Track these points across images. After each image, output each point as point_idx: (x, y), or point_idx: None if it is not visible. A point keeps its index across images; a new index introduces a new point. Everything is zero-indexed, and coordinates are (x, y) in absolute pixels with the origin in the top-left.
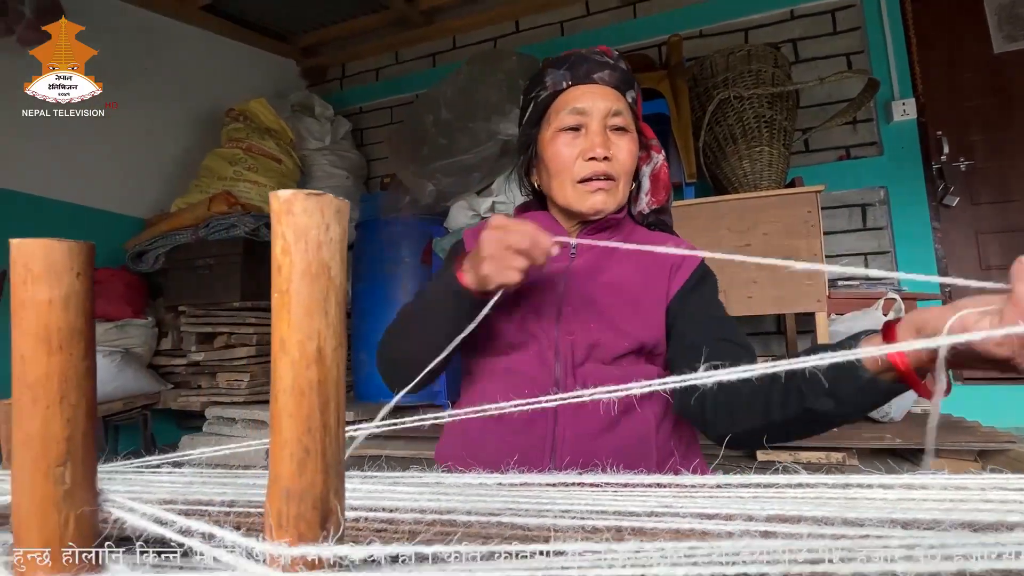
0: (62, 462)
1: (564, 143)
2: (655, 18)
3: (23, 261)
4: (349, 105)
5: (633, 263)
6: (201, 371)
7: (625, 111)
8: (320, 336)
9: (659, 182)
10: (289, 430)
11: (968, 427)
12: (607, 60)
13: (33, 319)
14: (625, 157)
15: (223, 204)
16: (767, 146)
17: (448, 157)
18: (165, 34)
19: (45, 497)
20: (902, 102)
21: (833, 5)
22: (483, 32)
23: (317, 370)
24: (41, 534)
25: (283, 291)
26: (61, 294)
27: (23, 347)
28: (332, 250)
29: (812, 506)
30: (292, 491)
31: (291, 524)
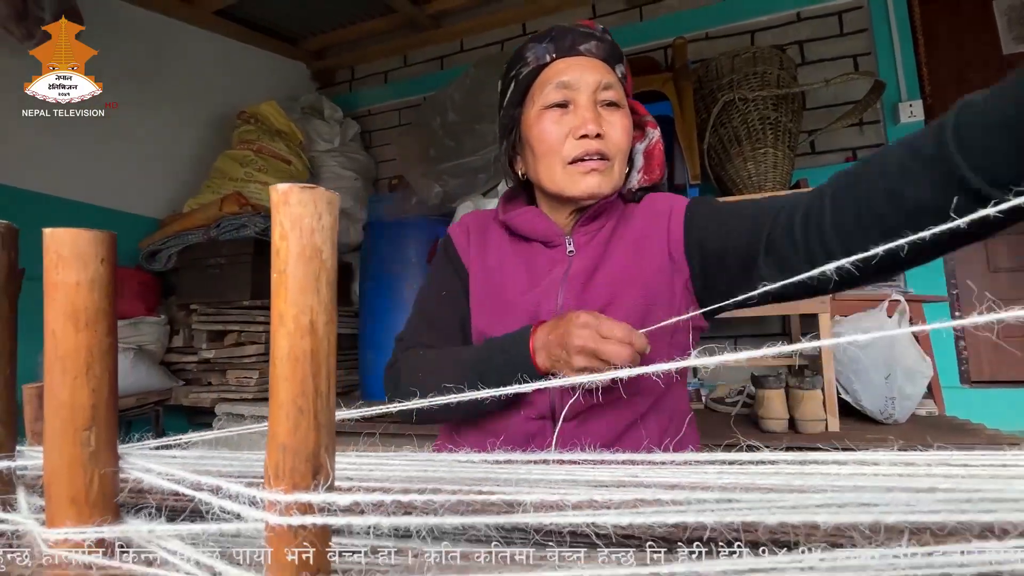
0: (88, 427)
1: (551, 121)
2: (661, 20)
3: (55, 248)
4: (358, 107)
5: (631, 243)
6: (211, 368)
7: (616, 85)
8: (312, 311)
9: (653, 159)
10: (285, 393)
11: (972, 429)
12: (593, 32)
13: (63, 299)
14: (619, 135)
15: (234, 205)
16: (772, 148)
17: (455, 159)
18: (179, 38)
19: (73, 458)
20: (909, 104)
21: (840, 7)
22: (491, 35)
23: (310, 340)
24: (69, 490)
25: (280, 271)
26: (88, 277)
27: (54, 324)
28: (324, 236)
29: (764, 477)
30: (287, 446)
31: (286, 475)
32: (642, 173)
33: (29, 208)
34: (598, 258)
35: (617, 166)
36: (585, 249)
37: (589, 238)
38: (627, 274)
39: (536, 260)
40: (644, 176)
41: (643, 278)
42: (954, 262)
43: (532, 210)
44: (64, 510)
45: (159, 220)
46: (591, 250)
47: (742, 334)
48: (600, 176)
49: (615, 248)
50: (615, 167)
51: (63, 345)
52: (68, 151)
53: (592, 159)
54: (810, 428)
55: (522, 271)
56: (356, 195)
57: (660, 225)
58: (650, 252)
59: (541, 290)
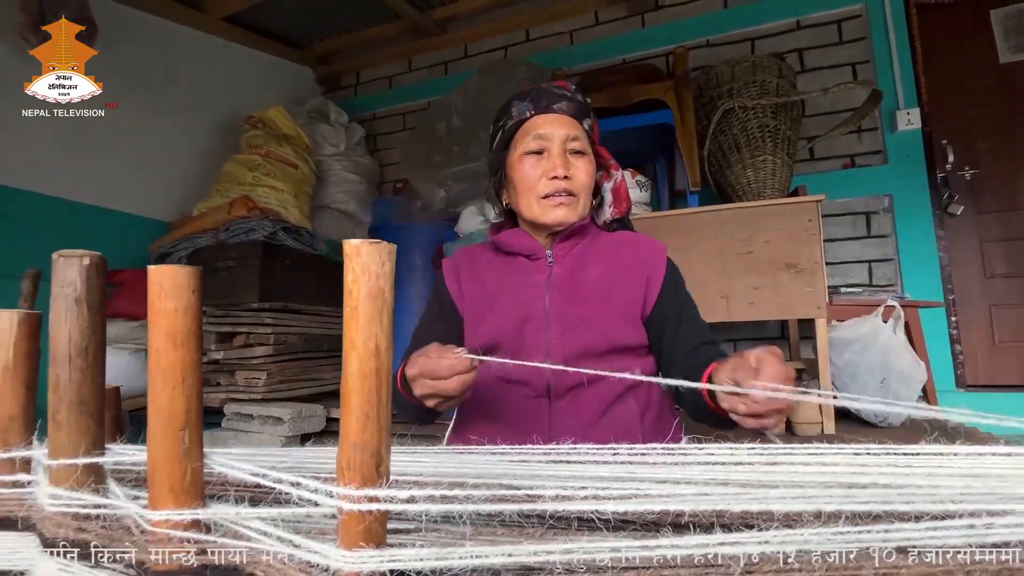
0: (183, 427)
1: (530, 165)
2: (663, 28)
3: (158, 280)
4: (363, 111)
5: (606, 265)
6: (220, 369)
7: (582, 137)
8: (377, 338)
9: (620, 195)
10: (355, 402)
11: (966, 433)
12: (565, 93)
13: (164, 323)
14: (583, 176)
15: (243, 208)
16: (771, 155)
17: (459, 164)
18: (188, 44)
19: (171, 454)
20: (907, 112)
21: (839, 15)
22: (494, 41)
23: (375, 361)
24: (169, 480)
25: (353, 307)
26: (183, 305)
27: (156, 343)
28: (385, 280)
29: (739, 473)
30: (357, 444)
31: (356, 468)
32: (612, 207)
33: (41, 211)
34: (575, 268)
35: (582, 199)
36: (563, 260)
37: (565, 252)
38: (602, 284)
39: (521, 269)
40: (614, 209)
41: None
42: (950, 268)
43: (517, 231)
44: (164, 496)
45: (168, 223)
46: (568, 261)
47: (742, 337)
48: (567, 208)
49: (590, 263)
50: (580, 200)
51: (164, 360)
52: (79, 155)
53: (560, 195)
54: (806, 431)
55: (510, 278)
56: (360, 198)
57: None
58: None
59: (529, 288)
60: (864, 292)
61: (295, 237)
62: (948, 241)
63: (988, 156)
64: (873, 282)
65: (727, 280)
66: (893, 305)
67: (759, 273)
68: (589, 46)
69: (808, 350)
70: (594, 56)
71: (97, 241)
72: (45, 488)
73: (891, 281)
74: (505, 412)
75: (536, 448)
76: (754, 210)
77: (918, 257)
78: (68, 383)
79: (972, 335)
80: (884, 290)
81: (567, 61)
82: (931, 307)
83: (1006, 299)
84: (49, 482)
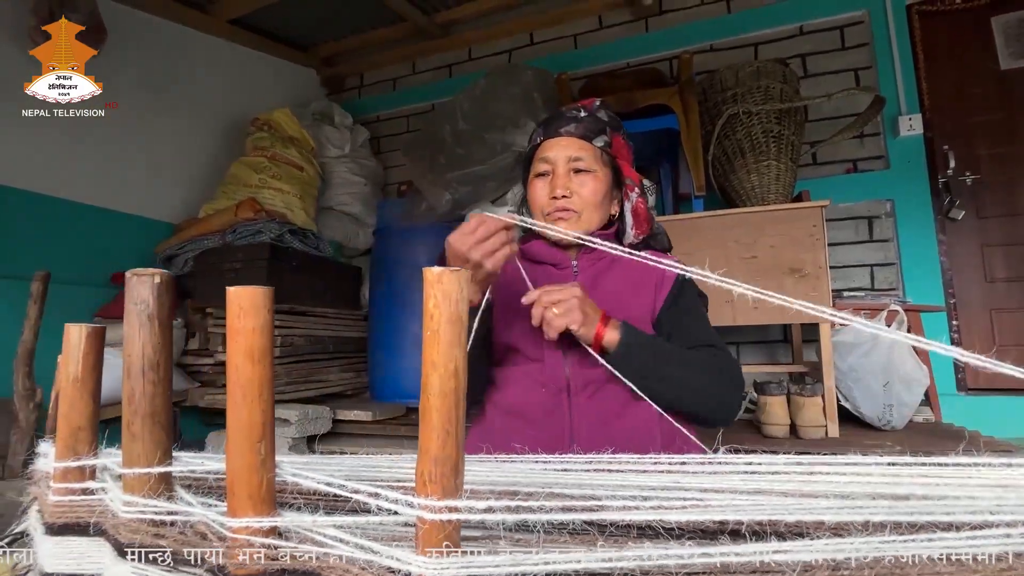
0: (260, 439)
1: (538, 186)
2: (667, 32)
3: (237, 301)
4: (367, 113)
5: (625, 279)
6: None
7: (588, 156)
8: (456, 360)
9: (639, 216)
10: (436, 419)
11: (968, 436)
12: (577, 115)
13: (243, 341)
14: (586, 193)
15: (249, 211)
16: (775, 160)
17: (464, 167)
18: (194, 47)
19: (250, 464)
20: (909, 117)
21: (841, 21)
22: (499, 44)
23: (454, 381)
24: (247, 489)
25: (434, 331)
26: (260, 324)
27: (236, 359)
28: (463, 305)
29: (780, 483)
30: (438, 458)
31: (437, 481)
32: (633, 229)
33: (48, 213)
34: (598, 278)
35: (585, 215)
36: (587, 270)
37: (590, 264)
38: (619, 294)
39: (547, 277)
40: (636, 231)
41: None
42: (951, 272)
43: (545, 242)
44: (244, 504)
45: (175, 225)
46: (592, 271)
47: (745, 340)
48: (566, 224)
49: (611, 275)
50: (583, 216)
51: (242, 376)
52: (86, 157)
53: (560, 212)
54: (811, 434)
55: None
56: (365, 200)
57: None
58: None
59: None
60: (866, 296)
61: (301, 239)
62: (949, 245)
63: (989, 161)
64: (875, 286)
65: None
66: (896, 309)
67: (764, 277)
68: (594, 50)
69: (811, 353)
70: (599, 60)
71: (103, 243)
72: (118, 495)
73: (893, 285)
74: (527, 409)
75: (579, 457)
76: (759, 215)
77: (920, 261)
78: (142, 396)
79: (973, 339)
80: (886, 294)
81: (571, 65)
82: (933, 312)
83: (1007, 303)
84: (123, 490)
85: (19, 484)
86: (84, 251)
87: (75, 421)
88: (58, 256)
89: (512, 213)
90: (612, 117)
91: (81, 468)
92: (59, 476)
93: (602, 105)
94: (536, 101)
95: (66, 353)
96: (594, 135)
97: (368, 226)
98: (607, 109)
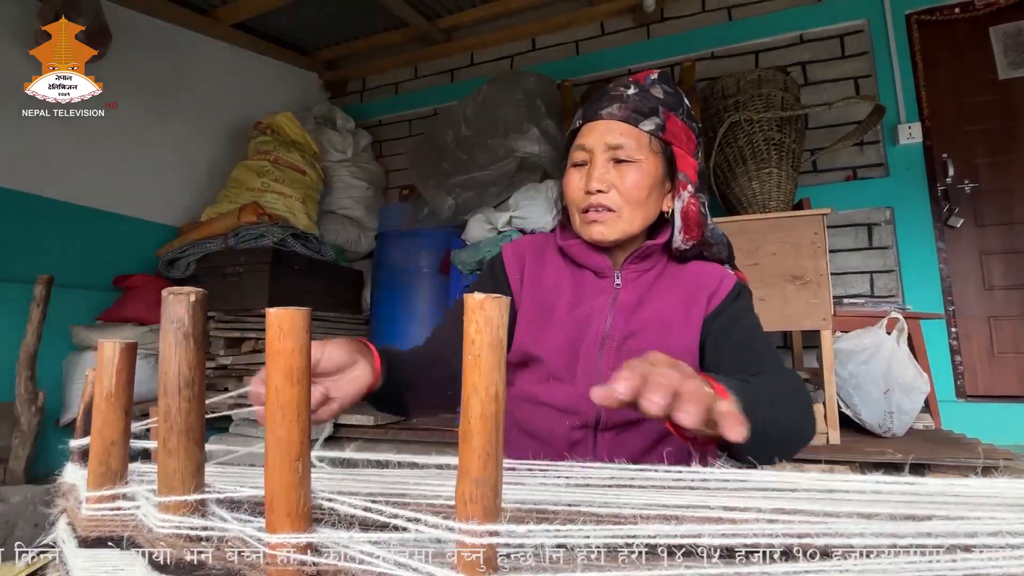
0: (298, 458)
1: (573, 177)
2: (669, 39)
3: (277, 323)
4: (369, 117)
5: (676, 295)
6: (228, 374)
7: (632, 143)
8: (497, 384)
9: (688, 219)
10: (477, 440)
11: (967, 444)
12: (621, 92)
13: (283, 362)
14: (628, 187)
15: (252, 214)
16: (776, 168)
17: (467, 172)
18: (198, 51)
19: (289, 482)
20: (908, 126)
21: (841, 30)
22: (501, 49)
23: (495, 405)
24: (286, 506)
25: (476, 355)
26: (298, 345)
27: (276, 380)
28: (504, 331)
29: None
30: (479, 480)
31: (478, 502)
32: (682, 233)
33: (51, 216)
34: (644, 294)
35: (626, 213)
36: (632, 284)
37: (637, 276)
38: (664, 317)
39: (585, 284)
40: (684, 235)
41: (679, 328)
42: (951, 280)
43: (584, 242)
44: (282, 520)
45: (177, 228)
46: (638, 286)
47: None
48: (603, 225)
49: (661, 292)
50: (623, 215)
51: (282, 396)
52: (89, 160)
53: (596, 210)
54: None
55: (573, 293)
56: (367, 204)
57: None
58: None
59: (589, 309)
60: (866, 303)
61: (303, 243)
62: (948, 253)
63: (987, 170)
64: (875, 293)
65: None
66: (897, 317)
67: (765, 285)
68: (595, 56)
69: (812, 359)
70: (600, 66)
71: (106, 246)
72: (153, 510)
73: (892, 292)
74: (549, 438)
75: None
76: (760, 223)
77: (919, 268)
78: (178, 412)
79: (972, 346)
80: (886, 300)
81: (573, 71)
82: (932, 319)
83: (1005, 311)
84: (158, 508)
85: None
86: (87, 254)
87: (109, 436)
88: (61, 259)
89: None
90: (670, 92)
91: (114, 481)
92: (94, 487)
93: (660, 79)
94: (539, 107)
95: (100, 369)
96: (643, 116)
97: (370, 230)
98: (665, 83)
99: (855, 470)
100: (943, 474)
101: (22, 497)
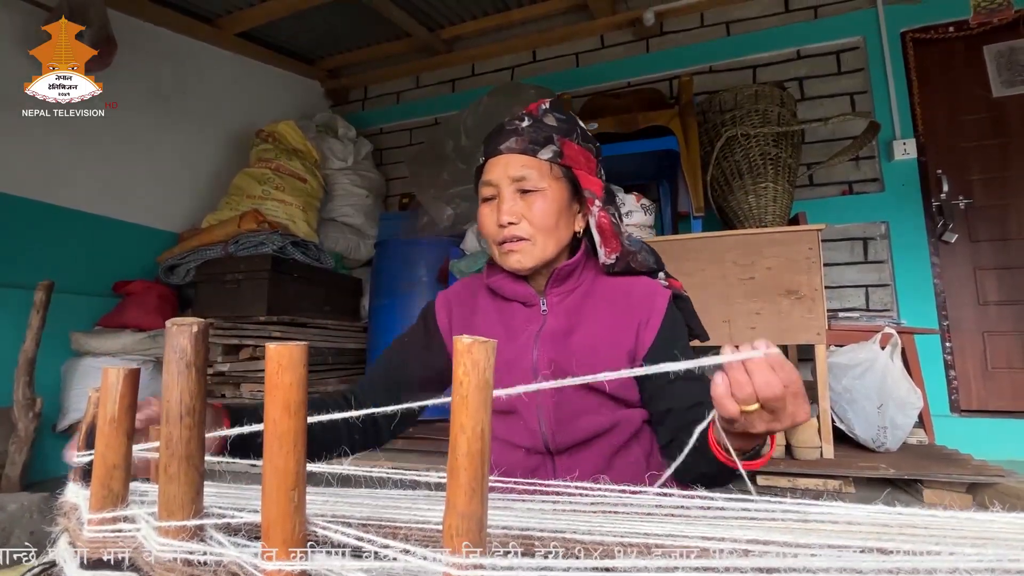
0: (294, 487)
1: (485, 213)
2: (667, 53)
3: (277, 358)
4: (370, 126)
5: (604, 316)
6: (226, 381)
7: (534, 173)
8: (483, 423)
9: (604, 232)
10: (464, 476)
11: (959, 460)
12: (516, 125)
13: (281, 396)
14: (536, 216)
15: (252, 222)
16: (772, 182)
17: (467, 183)
18: (202, 58)
19: (285, 511)
20: (903, 142)
21: (838, 47)
22: (501, 60)
23: (480, 443)
24: (282, 534)
25: (463, 396)
26: (297, 379)
27: (274, 412)
28: (490, 372)
29: (779, 533)
30: (464, 514)
31: (464, 535)
32: (603, 247)
33: (52, 222)
34: (570, 320)
35: (540, 240)
36: (557, 309)
37: (560, 299)
38: (594, 338)
39: (515, 318)
40: (606, 249)
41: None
42: (945, 295)
43: (511, 275)
44: (278, 547)
45: (178, 235)
46: (562, 311)
47: None
48: (519, 254)
49: (588, 315)
50: (537, 242)
51: (280, 428)
52: (90, 167)
53: (509, 242)
54: (806, 455)
55: (502, 329)
56: (367, 212)
57: (632, 323)
58: (619, 337)
59: (518, 346)
60: (861, 317)
61: (303, 251)
62: (943, 268)
63: (981, 186)
64: (870, 306)
65: (729, 305)
66: (891, 332)
67: (760, 299)
68: (595, 68)
69: (806, 373)
70: (600, 78)
71: (106, 252)
72: (153, 535)
73: (887, 306)
74: (509, 468)
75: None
76: (756, 237)
77: (914, 283)
78: (179, 440)
79: (966, 361)
80: (881, 315)
81: (573, 82)
82: (926, 334)
83: (999, 326)
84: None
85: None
86: (87, 260)
87: (111, 459)
88: (60, 265)
89: None
90: (562, 119)
91: (115, 503)
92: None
93: (552, 107)
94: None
95: (104, 394)
96: (539, 146)
97: (369, 238)
98: (556, 111)
99: (847, 484)
100: (935, 490)
101: (18, 505)
